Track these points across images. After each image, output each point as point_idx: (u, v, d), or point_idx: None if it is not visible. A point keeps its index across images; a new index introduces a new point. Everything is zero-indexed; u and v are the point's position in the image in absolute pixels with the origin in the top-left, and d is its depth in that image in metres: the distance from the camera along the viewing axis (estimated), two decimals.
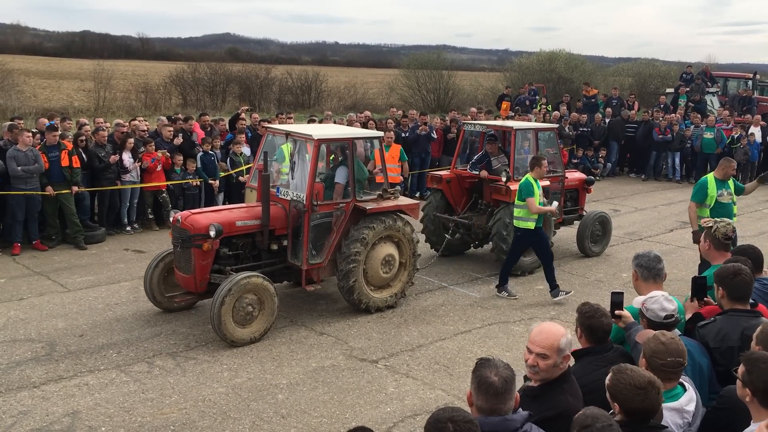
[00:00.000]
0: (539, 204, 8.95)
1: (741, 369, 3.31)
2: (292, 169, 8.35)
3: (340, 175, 8.63)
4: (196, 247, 7.65)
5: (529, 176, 8.99)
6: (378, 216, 8.40)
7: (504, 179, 10.09)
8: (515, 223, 9.17)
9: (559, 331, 3.47)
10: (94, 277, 9.73)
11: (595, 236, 11.55)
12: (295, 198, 8.11)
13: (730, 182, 8.65)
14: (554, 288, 9.18)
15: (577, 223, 11.72)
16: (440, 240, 10.99)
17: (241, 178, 12.64)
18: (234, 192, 12.97)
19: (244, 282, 7.38)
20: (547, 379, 3.46)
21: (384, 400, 6.43)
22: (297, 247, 8.15)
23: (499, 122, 13.32)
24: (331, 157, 9.18)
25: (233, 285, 7.30)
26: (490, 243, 10.51)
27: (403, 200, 8.89)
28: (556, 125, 14.08)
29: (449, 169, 11.48)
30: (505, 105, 22.37)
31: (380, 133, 9.39)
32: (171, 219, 8.07)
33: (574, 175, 12.05)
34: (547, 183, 10.06)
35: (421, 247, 11.69)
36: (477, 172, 10.79)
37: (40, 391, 6.37)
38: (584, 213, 11.79)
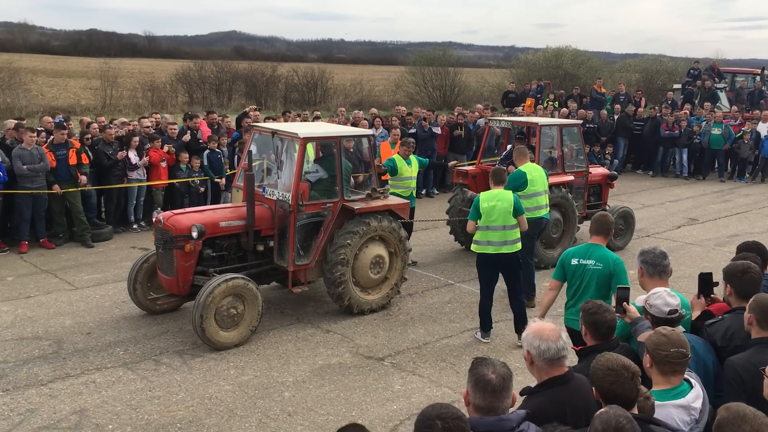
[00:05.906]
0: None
1: None
2: (279, 168, 8.22)
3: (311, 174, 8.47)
4: (178, 249, 7.47)
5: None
6: (364, 217, 8.11)
7: None
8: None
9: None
10: (102, 275, 9.76)
11: (618, 230, 11.69)
12: (281, 198, 7.96)
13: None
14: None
15: None
16: (465, 233, 11.16)
17: None
18: None
19: (225, 284, 7.19)
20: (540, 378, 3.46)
21: (390, 398, 6.43)
22: (283, 248, 7.93)
23: (524, 118, 13.63)
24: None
25: (215, 287, 7.13)
26: None
27: (393, 200, 8.62)
28: (581, 121, 14.32)
29: (475, 164, 11.69)
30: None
31: (370, 131, 9.27)
32: (153, 219, 7.87)
33: (598, 171, 12.27)
34: (571, 178, 10.43)
35: (429, 243, 11.81)
36: (504, 167, 10.93)
37: (48, 388, 6.40)
38: (607, 207, 11.98)
